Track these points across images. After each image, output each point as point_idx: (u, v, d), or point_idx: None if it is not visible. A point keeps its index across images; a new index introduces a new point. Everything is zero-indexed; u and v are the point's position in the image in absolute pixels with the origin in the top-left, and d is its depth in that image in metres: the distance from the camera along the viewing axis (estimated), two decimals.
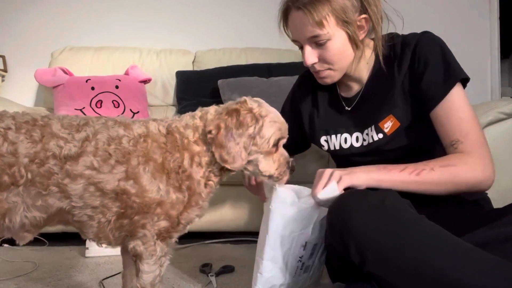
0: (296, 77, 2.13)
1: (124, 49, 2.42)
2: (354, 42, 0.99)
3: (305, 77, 1.23)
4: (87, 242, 1.52)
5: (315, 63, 1.02)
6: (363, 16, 0.97)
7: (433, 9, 2.77)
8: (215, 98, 2.16)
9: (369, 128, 1.06)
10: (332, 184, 0.90)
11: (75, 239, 1.70)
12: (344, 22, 0.96)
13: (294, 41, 1.05)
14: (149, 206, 0.81)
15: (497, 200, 1.16)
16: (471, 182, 0.91)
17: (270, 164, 0.91)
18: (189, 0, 2.65)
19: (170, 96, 2.36)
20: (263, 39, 2.60)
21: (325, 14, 0.94)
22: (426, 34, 1.01)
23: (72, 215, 0.80)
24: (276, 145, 0.91)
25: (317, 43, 0.99)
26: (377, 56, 1.05)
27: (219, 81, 2.16)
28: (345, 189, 0.90)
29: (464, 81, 0.99)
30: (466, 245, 0.75)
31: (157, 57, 2.40)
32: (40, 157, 0.75)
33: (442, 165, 0.90)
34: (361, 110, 1.08)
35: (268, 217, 0.98)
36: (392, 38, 1.05)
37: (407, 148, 1.02)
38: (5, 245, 1.66)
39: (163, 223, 0.83)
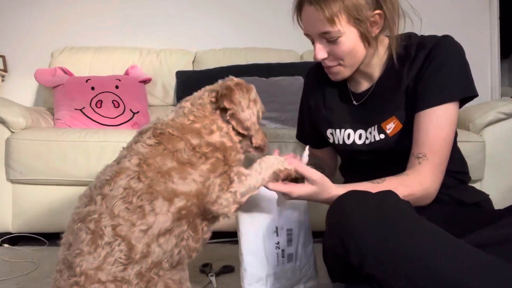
0: (296, 77, 2.17)
1: (124, 49, 2.42)
2: (366, 39, 0.97)
3: (314, 69, 1.22)
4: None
5: (325, 59, 1.01)
6: (377, 11, 0.95)
7: (433, 9, 2.77)
8: None
9: (372, 127, 1.06)
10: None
11: None
12: (356, 19, 0.94)
13: (306, 35, 1.04)
14: (202, 194, 0.81)
15: (498, 200, 1.16)
16: (421, 202, 0.95)
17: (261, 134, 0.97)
18: (189, 0, 2.65)
19: (170, 96, 2.36)
20: (263, 39, 2.60)
21: (336, 11, 0.92)
22: (446, 39, 0.99)
23: (166, 263, 0.81)
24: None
25: (328, 39, 0.97)
26: (391, 54, 1.03)
27: (219, 81, 2.15)
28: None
29: (468, 98, 0.99)
30: (465, 246, 0.74)
31: (157, 57, 2.40)
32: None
33: (397, 187, 0.90)
34: (368, 107, 1.08)
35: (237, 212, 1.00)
36: (409, 38, 1.03)
37: (408, 150, 1.01)
38: (5, 245, 1.66)
39: (218, 180, 0.83)
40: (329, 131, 1.15)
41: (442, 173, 0.96)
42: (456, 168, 1.08)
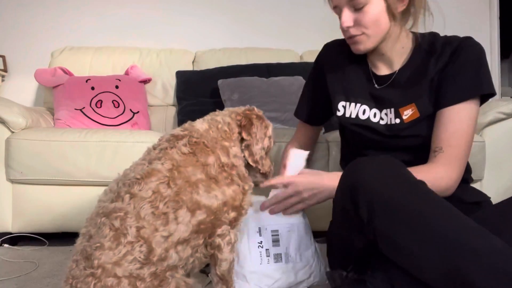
0: (296, 77, 2.17)
1: (124, 49, 2.42)
2: (392, 13, 1.01)
3: (334, 44, 1.26)
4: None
5: (350, 27, 1.03)
6: None
7: (433, 9, 2.77)
8: (215, 98, 2.16)
9: (388, 110, 1.08)
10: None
11: (75, 239, 1.70)
12: None
13: (334, 8, 1.06)
14: (218, 213, 0.87)
15: (498, 200, 1.16)
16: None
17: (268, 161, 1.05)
18: (190, 0, 2.65)
19: (170, 96, 2.36)
20: (263, 39, 2.60)
21: None
22: (470, 39, 1.04)
23: (181, 269, 0.85)
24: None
25: (355, 7, 1.01)
26: (415, 47, 1.08)
27: (219, 81, 2.16)
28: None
29: (488, 96, 1.03)
30: (462, 214, 0.77)
31: (157, 57, 2.40)
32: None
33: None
34: (389, 92, 1.10)
35: None
36: (434, 35, 1.08)
37: (419, 139, 1.05)
38: (5, 245, 1.66)
39: (232, 214, 0.90)
40: (341, 103, 1.16)
41: (459, 167, 0.99)
42: None
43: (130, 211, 0.78)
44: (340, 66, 1.19)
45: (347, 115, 1.14)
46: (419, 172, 0.92)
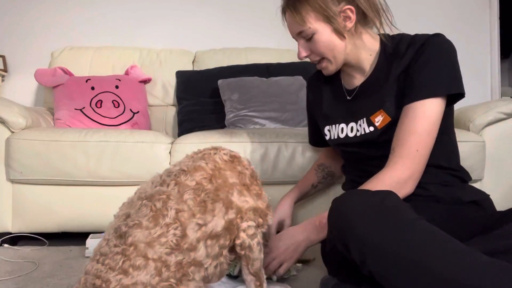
0: (296, 77, 2.17)
1: (124, 49, 2.42)
2: (341, 33, 1.04)
3: (313, 75, 1.32)
4: (87, 242, 1.52)
5: (308, 56, 1.11)
6: (348, 6, 1.01)
7: (433, 9, 2.77)
8: (215, 98, 2.16)
9: (362, 120, 1.10)
10: None
11: (75, 239, 1.70)
12: (325, 16, 1.02)
13: (294, 37, 1.13)
14: (246, 215, 0.91)
15: (498, 200, 1.16)
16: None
17: None
18: (189, 0, 2.65)
19: (170, 96, 2.36)
20: (263, 39, 2.60)
21: (304, 12, 1.03)
22: (436, 37, 1.01)
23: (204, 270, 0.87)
24: None
25: (305, 37, 1.07)
26: (382, 51, 1.08)
27: (219, 81, 2.16)
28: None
29: (457, 96, 1.00)
30: (462, 246, 0.75)
31: (157, 57, 2.40)
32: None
33: (370, 187, 0.95)
34: (359, 101, 1.12)
35: None
36: (401, 37, 1.07)
37: None
38: (5, 245, 1.66)
39: (260, 220, 0.95)
40: (326, 128, 1.21)
41: (409, 166, 0.97)
42: (455, 166, 1.08)
43: (173, 194, 0.83)
44: (319, 93, 1.25)
45: (332, 137, 1.19)
46: (375, 184, 0.95)
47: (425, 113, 0.97)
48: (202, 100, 2.21)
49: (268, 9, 2.71)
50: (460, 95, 1.00)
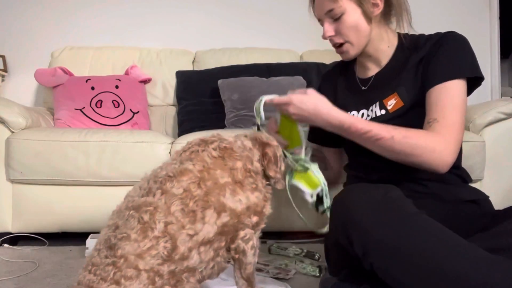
0: (296, 77, 2.17)
1: (124, 49, 2.42)
2: (368, 17, 1.06)
3: (328, 71, 1.33)
4: (87, 242, 1.52)
5: (332, 36, 1.09)
6: None
7: (433, 9, 2.77)
8: (215, 98, 2.16)
9: (374, 104, 1.11)
10: None
11: (75, 239, 1.70)
12: None
13: (318, 20, 1.13)
14: (241, 216, 0.89)
15: (498, 200, 1.16)
16: (425, 159, 0.94)
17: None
18: (189, 0, 2.65)
19: (170, 96, 2.36)
20: (263, 39, 2.60)
21: None
22: (453, 32, 1.06)
23: (198, 273, 0.86)
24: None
25: (333, 17, 1.07)
26: (400, 45, 1.11)
27: (219, 81, 2.16)
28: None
29: (476, 80, 1.02)
30: (463, 240, 0.76)
31: (157, 57, 2.40)
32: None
33: (405, 135, 0.94)
34: (373, 90, 1.13)
35: None
36: (418, 36, 1.11)
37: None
38: (5, 245, 1.66)
39: (255, 219, 0.92)
40: None
41: (455, 142, 0.95)
42: (457, 165, 1.09)
43: (160, 205, 0.80)
44: (333, 86, 1.25)
45: None
46: (417, 136, 0.93)
47: (460, 92, 0.99)
48: (202, 100, 2.21)
49: (268, 9, 2.72)
50: (480, 80, 1.03)
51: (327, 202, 1.09)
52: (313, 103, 1.01)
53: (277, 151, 1.00)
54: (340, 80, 1.25)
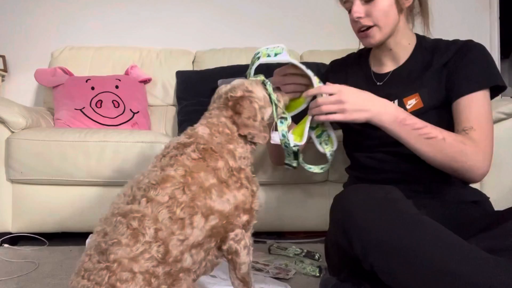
0: None
1: (124, 49, 2.42)
2: (400, 6, 1.06)
3: (336, 61, 1.31)
4: (87, 242, 1.52)
5: (361, 18, 1.06)
6: None
7: (433, 9, 2.77)
8: None
9: (393, 102, 1.09)
10: None
11: (75, 239, 1.70)
12: None
13: (345, 2, 1.10)
14: (230, 217, 0.87)
15: (498, 200, 1.16)
16: (468, 166, 0.97)
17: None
18: (190, 0, 2.65)
19: (170, 96, 2.36)
20: (263, 39, 2.60)
21: None
22: (473, 41, 1.08)
23: (193, 273, 0.86)
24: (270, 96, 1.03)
25: None
26: (419, 45, 1.12)
27: (219, 81, 2.15)
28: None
29: (500, 88, 1.05)
30: (462, 240, 0.76)
31: (157, 57, 2.40)
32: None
33: (455, 139, 0.96)
34: (390, 87, 1.12)
35: None
36: (436, 39, 1.13)
37: None
38: (5, 245, 1.66)
39: (245, 218, 0.91)
40: None
41: (491, 151, 1.00)
42: None
43: (147, 214, 0.79)
44: (344, 76, 1.23)
45: None
46: (464, 142, 0.95)
47: (487, 102, 1.02)
48: (202, 100, 2.21)
49: (268, 9, 2.72)
50: (503, 89, 1.06)
51: (298, 162, 1.13)
52: (367, 92, 1.01)
53: (249, 103, 0.96)
54: (352, 71, 1.23)
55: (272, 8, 2.68)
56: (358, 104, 0.98)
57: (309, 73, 1.06)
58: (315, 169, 1.15)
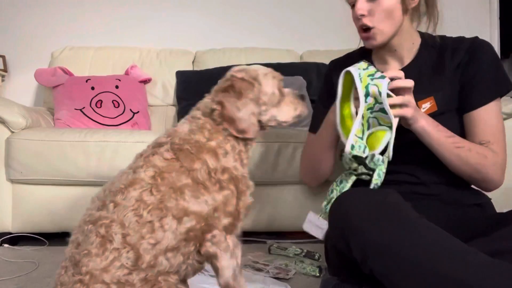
0: (296, 77, 2.16)
1: (124, 49, 2.42)
2: (405, 7, 1.03)
3: (337, 61, 1.28)
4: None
5: (363, 17, 1.03)
6: None
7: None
8: None
9: None
10: None
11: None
12: None
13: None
14: (209, 219, 0.81)
15: (498, 200, 1.16)
16: (487, 178, 1.00)
17: (287, 109, 0.96)
18: (190, 0, 2.65)
19: (170, 96, 2.36)
20: (263, 39, 2.60)
21: None
22: (479, 38, 1.08)
23: (177, 274, 0.82)
24: (280, 90, 0.95)
25: None
26: (423, 44, 1.10)
27: (220, 82, 2.15)
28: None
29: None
30: (462, 245, 0.75)
31: (157, 57, 2.40)
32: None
33: (478, 151, 0.98)
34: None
35: None
36: (442, 36, 1.11)
37: None
38: (5, 245, 1.66)
39: (226, 221, 0.83)
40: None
41: (505, 165, 1.03)
42: None
43: (115, 219, 0.77)
44: None
45: None
46: (486, 154, 0.97)
47: (500, 111, 1.05)
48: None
49: (268, 9, 2.72)
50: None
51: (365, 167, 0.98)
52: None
53: (247, 85, 0.89)
54: None
55: (272, 8, 2.68)
56: (410, 115, 0.95)
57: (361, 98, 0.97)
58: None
